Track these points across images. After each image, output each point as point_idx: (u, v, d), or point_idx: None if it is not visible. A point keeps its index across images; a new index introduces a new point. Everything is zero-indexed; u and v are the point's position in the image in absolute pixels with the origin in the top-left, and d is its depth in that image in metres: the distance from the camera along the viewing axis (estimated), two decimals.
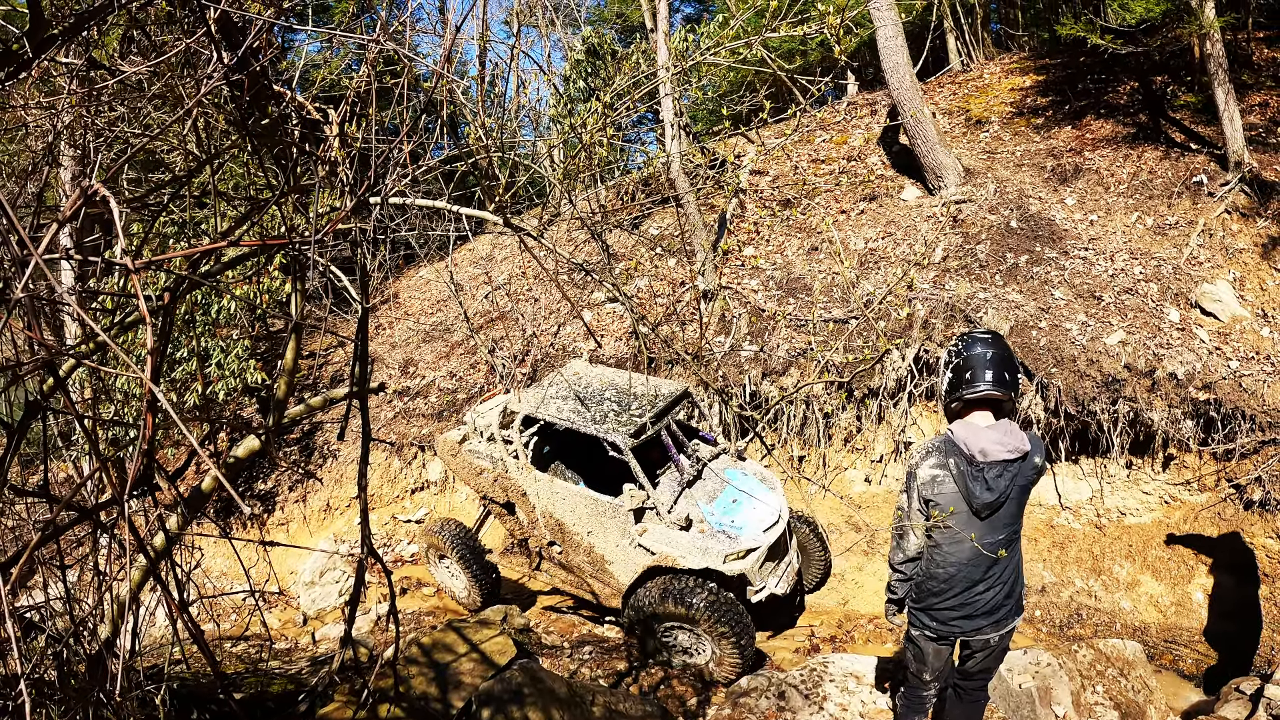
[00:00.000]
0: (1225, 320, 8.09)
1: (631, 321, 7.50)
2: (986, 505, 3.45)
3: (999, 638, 3.72)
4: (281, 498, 10.74)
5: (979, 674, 3.96)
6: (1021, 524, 3.60)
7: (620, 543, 6.76)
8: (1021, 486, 3.49)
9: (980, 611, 3.62)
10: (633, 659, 6.78)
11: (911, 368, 8.74)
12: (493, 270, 13.20)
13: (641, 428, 6.54)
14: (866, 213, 10.75)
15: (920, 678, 4.02)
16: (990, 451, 3.40)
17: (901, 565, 3.78)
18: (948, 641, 3.80)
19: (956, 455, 3.48)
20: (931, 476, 3.54)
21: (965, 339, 3.51)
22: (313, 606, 9.23)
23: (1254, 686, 5.49)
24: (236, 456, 2.93)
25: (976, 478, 3.44)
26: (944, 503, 3.52)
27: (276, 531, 10.48)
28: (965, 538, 3.51)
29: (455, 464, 7.76)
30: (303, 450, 11.02)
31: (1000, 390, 3.40)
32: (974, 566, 3.56)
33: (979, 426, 3.47)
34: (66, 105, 2.44)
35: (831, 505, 9.07)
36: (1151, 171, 9.80)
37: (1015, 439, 3.42)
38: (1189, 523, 7.61)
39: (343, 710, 4.83)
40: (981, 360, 3.42)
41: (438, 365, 11.55)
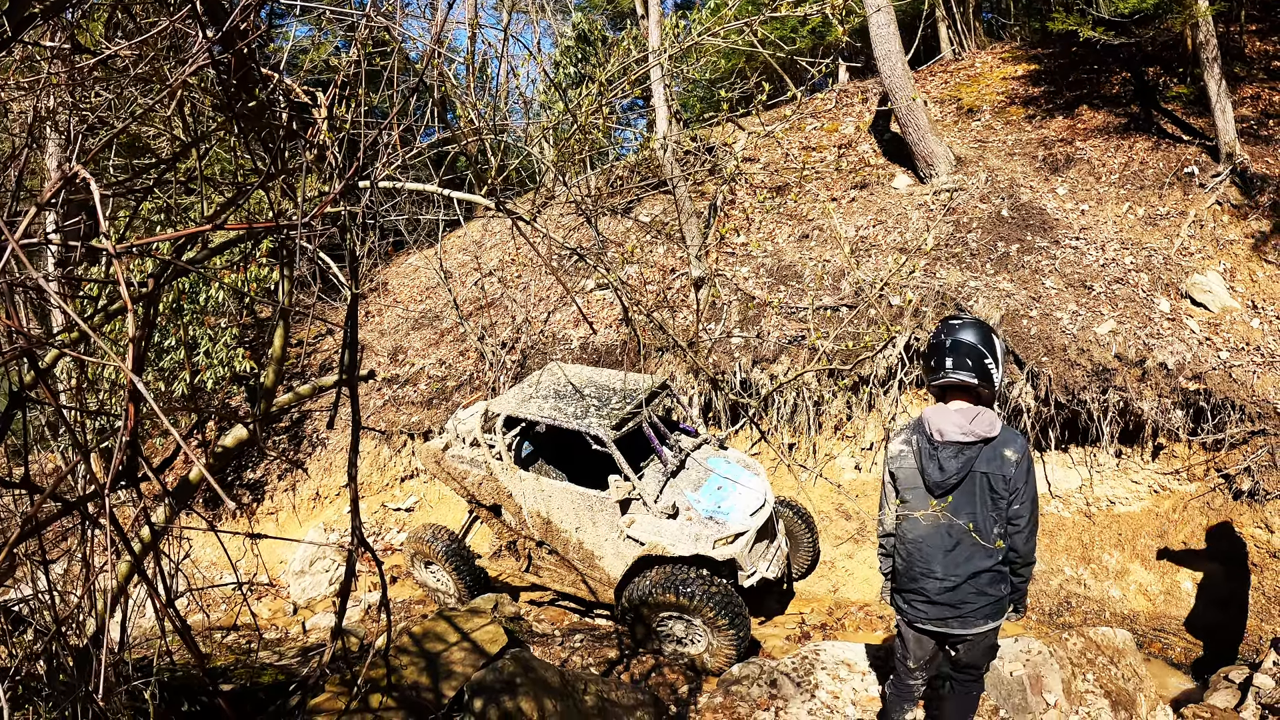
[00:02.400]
0: (1215, 311, 8.10)
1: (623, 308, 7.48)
2: (937, 484, 3.54)
3: (974, 635, 3.70)
4: (270, 486, 10.69)
5: (966, 669, 3.97)
6: (993, 523, 3.55)
7: (609, 535, 6.77)
8: (985, 474, 3.50)
9: (940, 600, 3.64)
10: (624, 647, 6.78)
11: (902, 355, 8.74)
12: (482, 257, 13.14)
13: (623, 420, 6.57)
14: (858, 200, 10.73)
15: (905, 664, 4.04)
16: (946, 432, 3.49)
17: (881, 538, 3.93)
18: (924, 632, 3.82)
19: (920, 434, 3.62)
20: (898, 451, 3.72)
21: (942, 324, 3.59)
22: (303, 596, 9.20)
23: (1243, 675, 5.53)
24: (224, 446, 2.88)
25: (932, 456, 3.56)
26: (903, 478, 3.69)
27: (266, 521, 10.43)
28: (930, 518, 3.60)
29: (439, 471, 7.75)
30: (291, 439, 10.97)
31: (961, 377, 3.46)
32: (930, 547, 3.62)
33: (947, 409, 3.55)
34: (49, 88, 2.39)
35: (822, 493, 9.08)
36: (1143, 162, 9.80)
37: (980, 425, 3.46)
38: (1178, 512, 7.64)
39: (334, 701, 4.80)
40: (944, 348, 3.51)
41: (427, 353, 11.49)
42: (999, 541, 3.52)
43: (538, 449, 8.06)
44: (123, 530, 1.39)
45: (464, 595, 7.71)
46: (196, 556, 9.67)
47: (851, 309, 9.06)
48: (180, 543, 3.41)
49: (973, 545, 3.55)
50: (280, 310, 2.70)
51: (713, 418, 9.36)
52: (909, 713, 4.25)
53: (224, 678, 5.19)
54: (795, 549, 8.05)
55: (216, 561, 9.66)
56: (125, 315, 1.36)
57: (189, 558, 8.92)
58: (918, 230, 9.80)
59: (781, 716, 5.10)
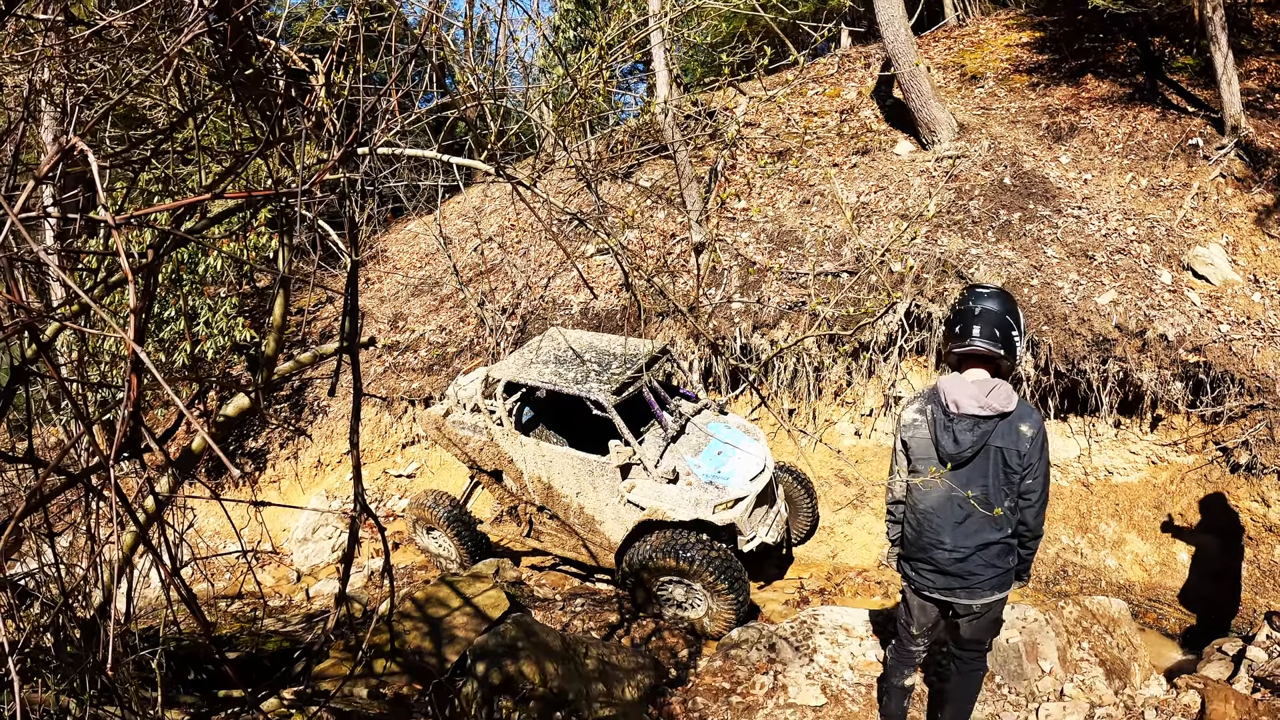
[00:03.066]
0: (1217, 284, 8.08)
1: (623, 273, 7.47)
2: (950, 456, 3.50)
3: (980, 606, 3.71)
4: (273, 455, 10.73)
5: (969, 642, 3.96)
6: (1004, 496, 3.54)
7: (609, 500, 6.80)
8: (1000, 449, 3.46)
9: (949, 571, 3.64)
10: (624, 611, 6.85)
11: (902, 322, 8.72)
12: (482, 223, 13.08)
13: (623, 385, 6.57)
14: (859, 166, 10.66)
15: (908, 631, 4.06)
16: (962, 404, 3.44)
17: (891, 506, 3.94)
18: (929, 600, 3.83)
19: (935, 404, 3.57)
20: (911, 420, 3.68)
21: (968, 291, 3.52)
22: (306, 563, 9.27)
23: (1236, 647, 5.58)
24: (226, 415, 2.89)
25: (947, 428, 3.51)
26: (916, 448, 3.65)
27: (268, 489, 10.48)
28: (932, 485, 3.58)
29: (441, 437, 7.77)
30: (293, 407, 10.99)
31: (987, 346, 3.40)
32: (940, 518, 3.61)
33: (964, 380, 3.50)
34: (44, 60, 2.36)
35: (821, 459, 9.12)
36: (1147, 132, 9.71)
37: (996, 399, 3.42)
38: (1175, 484, 7.67)
39: (338, 667, 4.86)
40: (972, 315, 3.44)
41: (427, 319, 11.48)
42: (999, 513, 3.52)
43: (538, 414, 8.08)
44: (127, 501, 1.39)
45: (466, 561, 7.77)
46: (200, 526, 9.74)
47: (852, 275, 9.03)
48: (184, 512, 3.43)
49: (983, 517, 3.55)
50: (280, 278, 2.69)
51: (713, 383, 9.38)
52: (909, 678, 4.28)
53: (230, 646, 5.24)
54: (794, 514, 8.10)
55: (220, 531, 9.73)
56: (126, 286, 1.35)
57: (193, 528, 8.98)
58: (920, 197, 9.75)
59: (780, 680, 5.16)
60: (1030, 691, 4.93)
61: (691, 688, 5.24)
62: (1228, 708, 4.41)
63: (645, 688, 5.00)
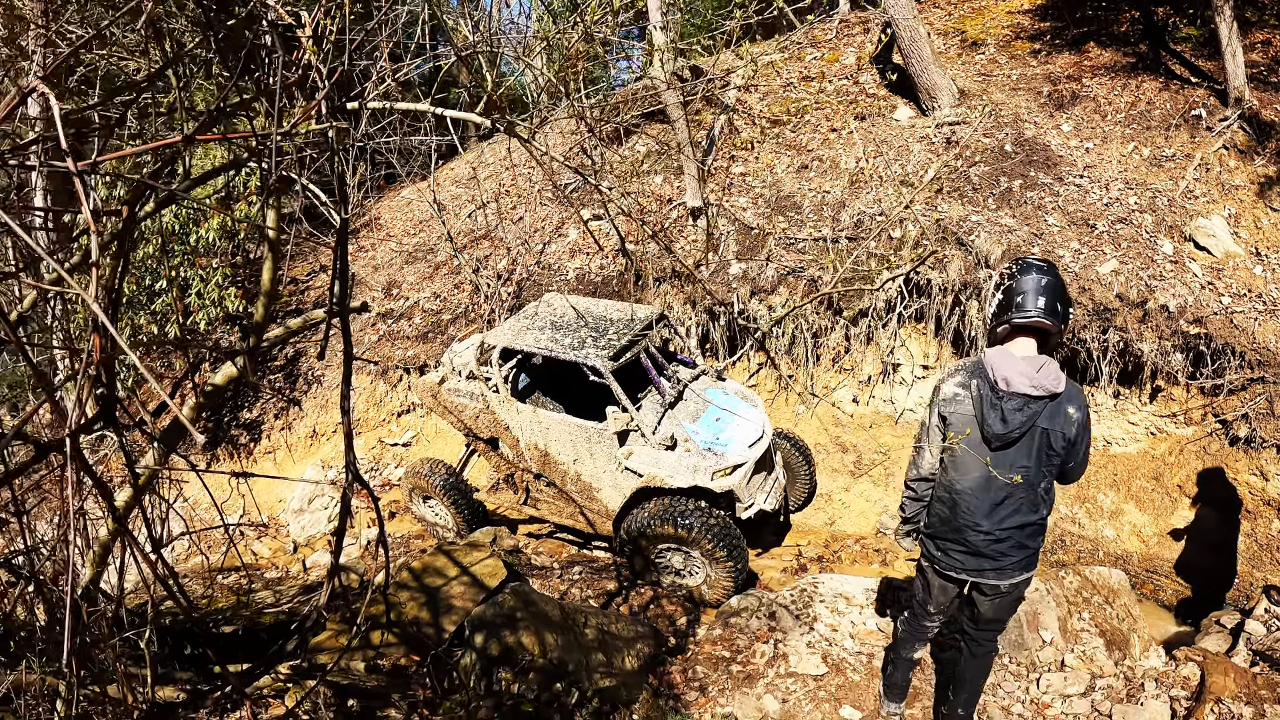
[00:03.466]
0: (1219, 256, 8.00)
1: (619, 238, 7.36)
2: (996, 436, 3.32)
3: (1007, 586, 3.61)
4: (267, 426, 10.64)
5: (988, 623, 3.86)
6: (1043, 478, 3.42)
7: (607, 467, 6.75)
8: (1045, 430, 3.32)
9: (982, 552, 3.52)
10: (622, 579, 6.82)
11: (901, 289, 8.64)
12: (476, 189, 12.93)
13: (620, 350, 6.49)
14: (858, 131, 10.51)
15: (925, 608, 3.96)
16: (1014, 382, 3.26)
17: (913, 482, 3.72)
18: (953, 580, 3.72)
19: (981, 378, 3.37)
20: (953, 394, 3.46)
21: (1020, 263, 3.33)
22: (302, 534, 9.23)
23: (1234, 621, 5.57)
24: (214, 384, 2.80)
25: (995, 405, 3.32)
26: (958, 424, 3.43)
27: (263, 460, 10.41)
28: (973, 465, 3.41)
29: (436, 405, 7.69)
30: (286, 377, 10.89)
31: (1049, 320, 3.23)
32: (978, 499, 3.45)
33: (1013, 355, 3.33)
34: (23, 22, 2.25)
35: (819, 425, 9.08)
36: (1150, 102, 9.59)
37: (1047, 378, 3.25)
38: (1174, 455, 7.64)
39: (335, 639, 4.81)
40: (1035, 286, 3.25)
41: (421, 286, 11.36)
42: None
43: (535, 381, 8.00)
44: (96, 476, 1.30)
45: (462, 529, 7.73)
46: (195, 500, 9.68)
47: (851, 240, 8.93)
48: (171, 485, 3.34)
49: (1021, 499, 3.43)
50: (269, 242, 2.59)
51: (709, 350, 9.30)
52: (919, 651, 4.23)
53: (225, 620, 5.18)
54: (792, 481, 8.07)
55: (220, 500, 9.66)
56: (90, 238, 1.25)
57: (188, 501, 8.89)
58: (919, 162, 9.63)
59: (781, 649, 5.14)
60: (1031, 661, 4.92)
61: (691, 656, 5.22)
62: (1227, 680, 4.40)
63: (645, 657, 4.98)
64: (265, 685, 4.18)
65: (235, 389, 10.85)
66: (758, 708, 4.63)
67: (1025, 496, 3.42)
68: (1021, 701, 4.68)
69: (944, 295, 8.50)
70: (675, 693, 4.80)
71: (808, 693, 4.75)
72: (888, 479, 8.63)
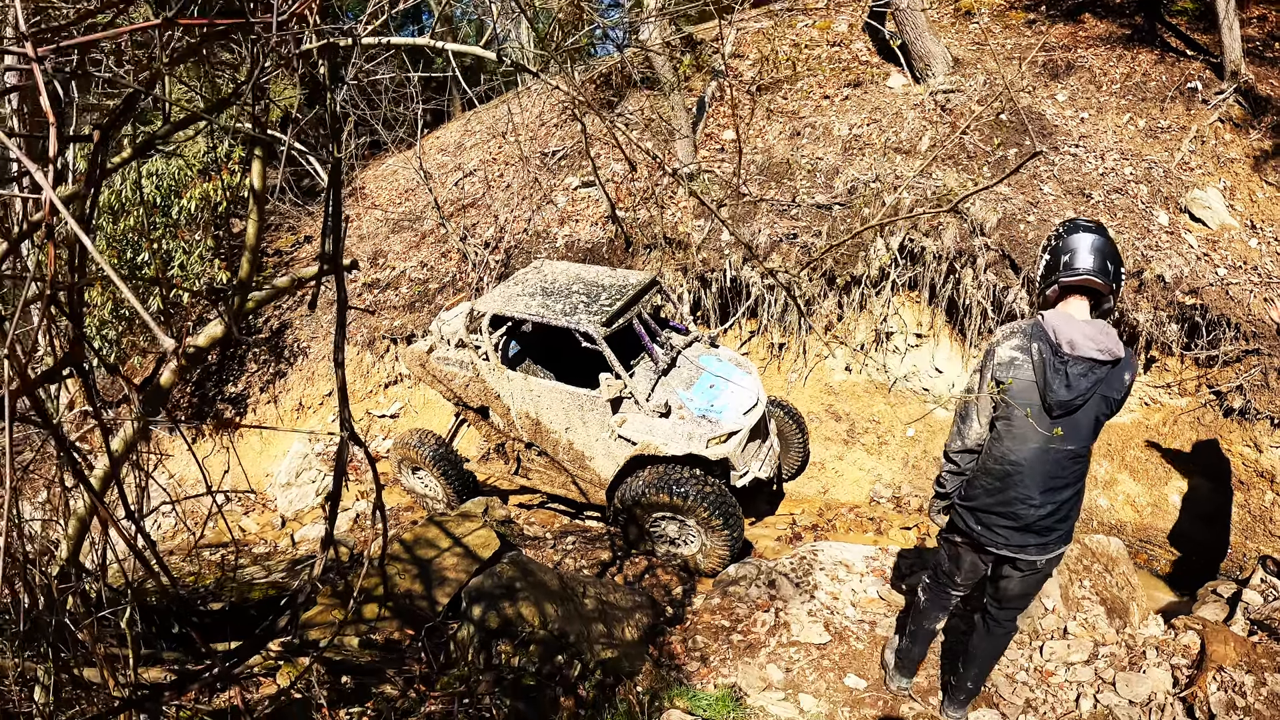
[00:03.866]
0: (1214, 228, 7.97)
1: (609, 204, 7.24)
2: (1061, 404, 3.14)
3: (1045, 562, 3.47)
4: (253, 399, 10.47)
5: (1014, 599, 3.72)
6: (1091, 446, 3.29)
7: (600, 435, 6.64)
8: (1104, 397, 3.16)
9: (1030, 527, 3.36)
10: (616, 549, 6.74)
11: (896, 256, 8.56)
12: (462, 157, 12.71)
13: (613, 316, 6.35)
14: (851, 99, 10.38)
15: (953, 580, 3.84)
16: (1080, 345, 3.08)
17: (957, 455, 3.50)
18: (988, 554, 3.57)
19: (1042, 341, 3.17)
20: (1010, 359, 3.23)
21: (1068, 224, 3.18)
22: (290, 508, 9.09)
23: (1230, 590, 5.57)
24: (198, 345, 2.63)
25: (1059, 370, 3.12)
26: (1017, 391, 3.20)
27: (249, 435, 10.24)
28: (1031, 435, 3.22)
29: (425, 375, 7.54)
30: (272, 350, 10.68)
31: (1100, 279, 3.08)
32: (1034, 471, 3.27)
33: (1074, 317, 3.15)
34: None
35: (811, 394, 9.03)
36: (1145, 74, 9.52)
37: (1110, 340, 3.09)
38: (1168, 426, 7.64)
39: (326, 614, 4.68)
40: (1085, 244, 3.09)
41: (408, 255, 11.16)
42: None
43: (525, 349, 7.87)
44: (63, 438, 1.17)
45: (452, 500, 7.61)
46: (182, 475, 9.51)
47: (844, 207, 8.83)
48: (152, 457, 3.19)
49: (1071, 470, 3.29)
50: (254, 194, 2.44)
51: (701, 317, 9.20)
52: (940, 621, 4.12)
53: (212, 596, 5.04)
54: (786, 449, 8.00)
55: (200, 479, 9.48)
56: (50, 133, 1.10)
57: (173, 477, 8.70)
58: (913, 130, 9.53)
59: (782, 617, 5.08)
60: (1034, 629, 4.89)
61: (690, 626, 5.16)
62: (1228, 649, 4.38)
63: (644, 627, 4.90)
64: (256, 664, 4.06)
65: (220, 359, 10.66)
66: (761, 677, 4.57)
67: (1078, 468, 3.29)
68: (1026, 670, 4.65)
69: (938, 263, 8.43)
70: (677, 663, 4.73)
71: (811, 661, 4.70)
72: (880, 447, 8.59)
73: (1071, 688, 4.47)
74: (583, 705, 4.01)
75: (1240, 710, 4.01)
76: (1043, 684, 4.54)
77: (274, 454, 9.90)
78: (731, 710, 4.19)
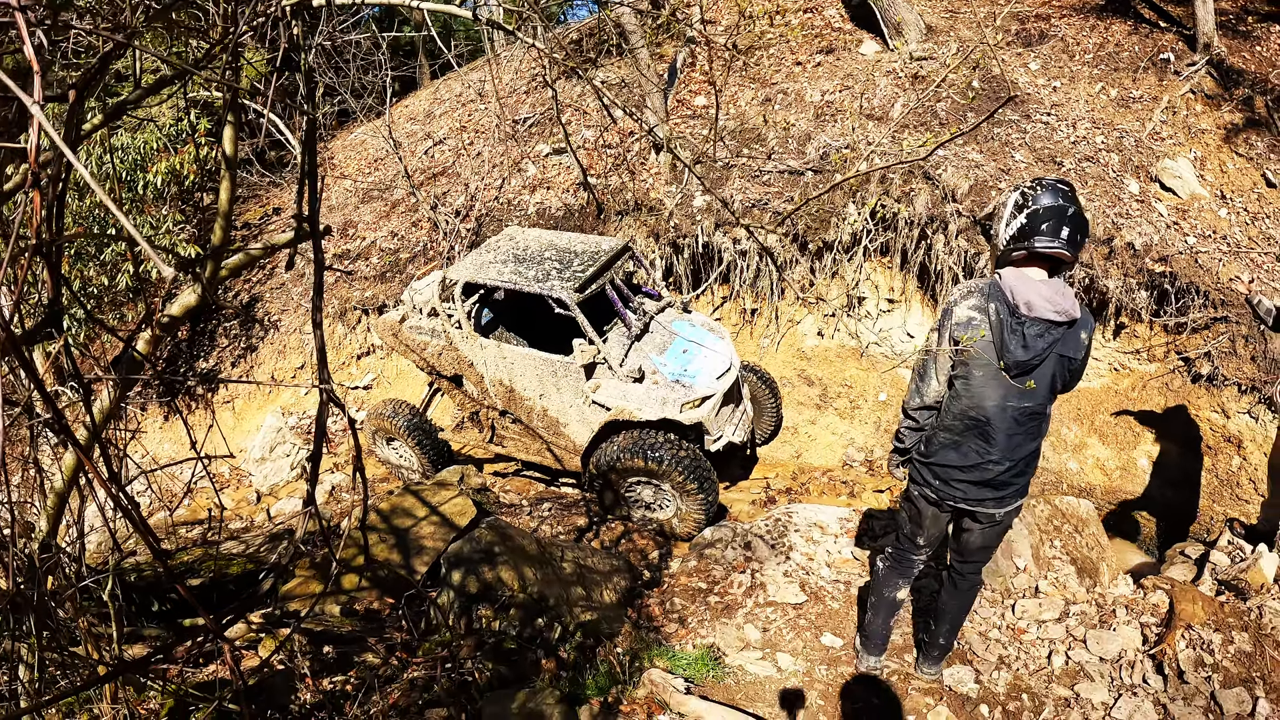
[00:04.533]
0: (1184, 197, 8.06)
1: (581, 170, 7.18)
2: (1018, 364, 3.17)
3: (1003, 514, 3.54)
4: (225, 374, 10.31)
5: (977, 552, 3.78)
6: (1050, 405, 3.35)
7: (574, 401, 6.65)
8: (1060, 356, 3.21)
9: (989, 482, 3.42)
10: (592, 514, 6.76)
11: (868, 222, 8.57)
12: (432, 126, 12.56)
13: (586, 282, 6.34)
14: (823, 65, 10.36)
15: (914, 540, 3.86)
16: (1036, 306, 3.10)
17: (916, 411, 3.54)
18: (947, 509, 3.63)
19: (999, 302, 3.19)
20: (968, 319, 3.24)
21: (1043, 185, 3.11)
22: (266, 483, 9.03)
23: (1198, 552, 5.68)
24: (171, 315, 2.58)
25: (1015, 331, 3.15)
26: (974, 350, 3.24)
27: (222, 410, 10.13)
28: (987, 394, 3.27)
29: (397, 344, 7.49)
30: (243, 324, 10.53)
31: (1071, 252, 3.07)
32: (990, 427, 3.33)
33: (1031, 279, 3.16)
34: None
35: (784, 359, 9.08)
36: (1118, 44, 9.57)
37: (1067, 301, 3.12)
38: (1137, 391, 7.75)
39: (305, 586, 4.67)
40: (1063, 214, 3.06)
41: (378, 225, 11.03)
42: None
43: (498, 316, 7.83)
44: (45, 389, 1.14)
45: (427, 470, 7.59)
46: (156, 453, 9.40)
47: (817, 173, 8.83)
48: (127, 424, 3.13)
49: (1028, 427, 3.34)
50: (225, 159, 2.39)
51: (673, 283, 9.18)
52: (902, 589, 4.09)
53: (191, 572, 5.00)
54: (759, 414, 8.05)
55: (176, 455, 9.38)
56: None
57: (148, 454, 8.57)
58: (886, 97, 9.53)
59: (758, 579, 5.13)
60: (1006, 588, 4.97)
61: (668, 589, 5.19)
62: (1196, 609, 4.47)
63: (622, 590, 4.93)
64: (238, 635, 4.04)
65: (191, 334, 10.51)
66: (739, 637, 4.62)
67: (1034, 425, 3.34)
68: (998, 627, 4.73)
69: (910, 229, 8.47)
70: (655, 625, 4.77)
71: (788, 621, 4.75)
72: (853, 411, 8.67)
73: (1043, 645, 4.56)
74: (564, 667, 4.04)
75: (1208, 667, 4.11)
76: (1015, 641, 4.62)
77: (247, 429, 9.82)
78: (710, 669, 4.24)
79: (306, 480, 2.16)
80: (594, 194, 9.02)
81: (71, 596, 2.61)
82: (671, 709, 3.84)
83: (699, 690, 4.09)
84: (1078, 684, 4.24)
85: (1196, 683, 4.06)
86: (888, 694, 4.26)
